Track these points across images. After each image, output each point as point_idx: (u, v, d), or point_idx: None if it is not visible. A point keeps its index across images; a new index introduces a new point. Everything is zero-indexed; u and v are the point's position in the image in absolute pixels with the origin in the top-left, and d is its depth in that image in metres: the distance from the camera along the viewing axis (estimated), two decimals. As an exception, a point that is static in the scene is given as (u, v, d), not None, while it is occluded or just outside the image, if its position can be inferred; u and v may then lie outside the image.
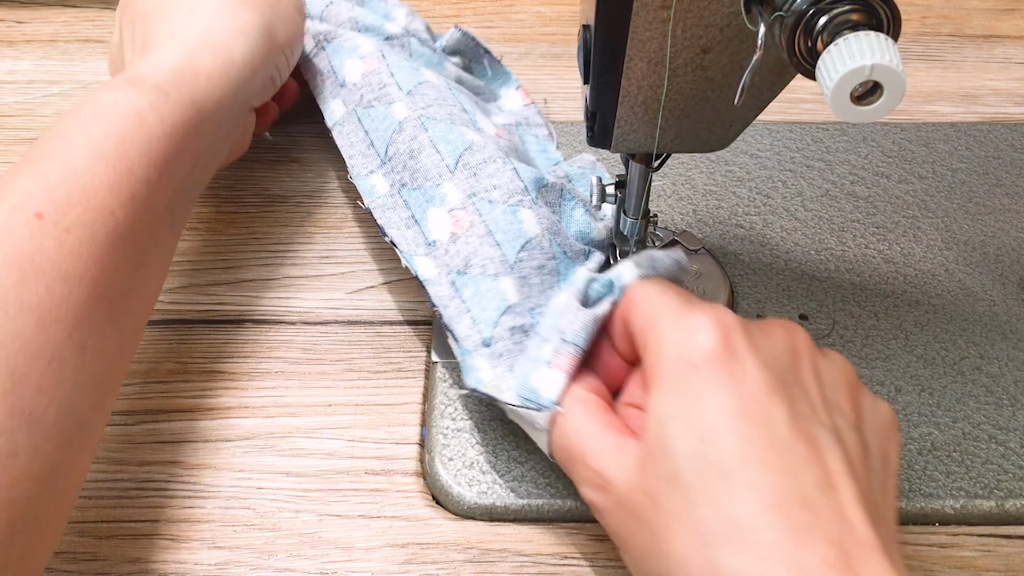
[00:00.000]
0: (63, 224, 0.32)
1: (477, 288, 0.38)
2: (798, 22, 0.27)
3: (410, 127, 0.43)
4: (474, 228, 0.39)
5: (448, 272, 0.39)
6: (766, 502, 0.27)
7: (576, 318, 0.36)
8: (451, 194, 0.41)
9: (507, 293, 0.38)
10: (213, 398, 0.41)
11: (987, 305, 0.45)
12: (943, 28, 0.64)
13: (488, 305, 0.38)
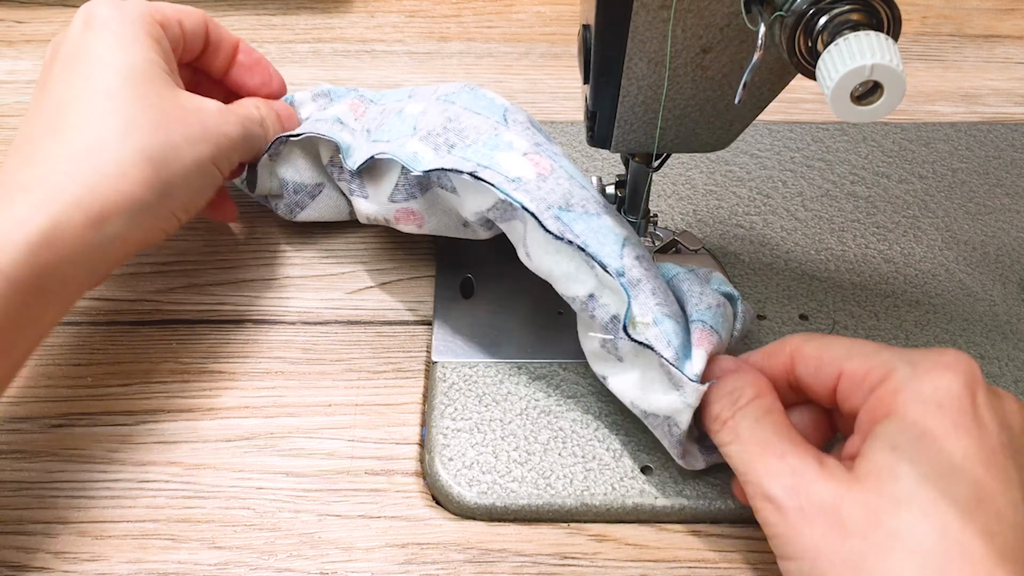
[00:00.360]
0: None
1: (588, 225, 0.37)
2: (798, 22, 0.27)
3: (434, 107, 0.41)
4: (556, 172, 0.38)
5: (548, 207, 0.37)
6: (999, 551, 0.27)
7: (711, 300, 0.37)
8: (516, 141, 0.39)
9: (616, 228, 0.37)
10: (213, 398, 0.41)
11: (987, 305, 0.45)
12: (943, 28, 0.64)
13: (606, 239, 0.37)
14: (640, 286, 0.36)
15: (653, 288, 0.36)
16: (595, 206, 0.38)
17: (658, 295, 0.36)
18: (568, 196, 0.37)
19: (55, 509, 0.37)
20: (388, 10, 0.66)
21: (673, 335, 0.35)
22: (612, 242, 0.37)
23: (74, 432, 0.39)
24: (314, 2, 0.67)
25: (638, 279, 0.36)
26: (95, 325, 0.44)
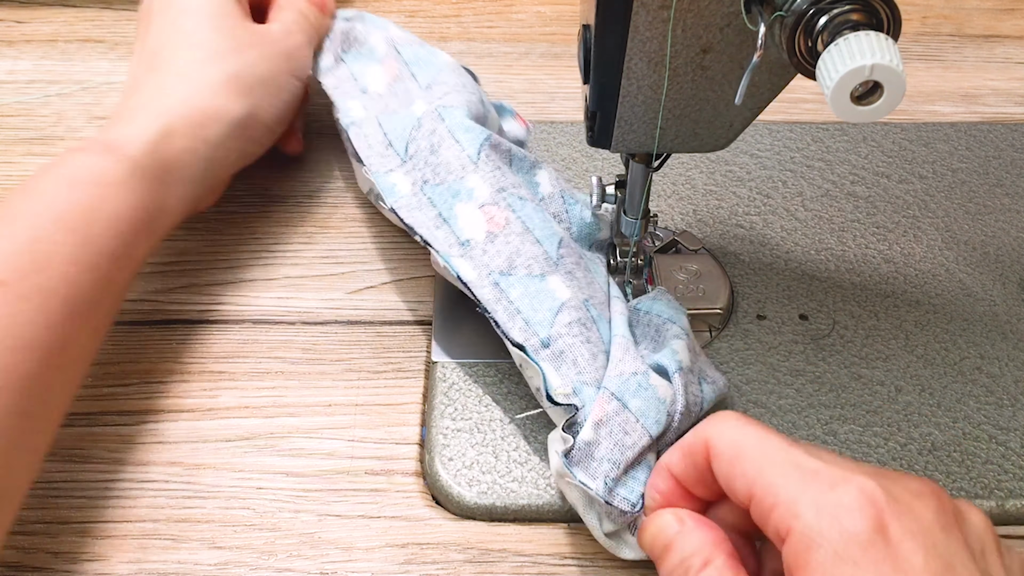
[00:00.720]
0: (21, 292, 0.33)
1: (526, 289, 0.37)
2: (798, 22, 0.27)
3: (428, 121, 0.43)
4: (511, 225, 0.39)
5: (489, 273, 0.38)
6: None
7: (629, 367, 0.35)
8: (479, 188, 0.40)
9: (558, 292, 0.38)
10: (213, 398, 0.41)
11: (987, 305, 0.45)
12: (943, 28, 0.64)
13: (540, 306, 0.37)
14: (564, 356, 0.36)
15: (576, 358, 0.36)
16: (542, 265, 0.38)
17: (580, 364, 0.36)
18: (513, 258, 0.38)
19: (55, 509, 0.37)
20: (388, 10, 0.66)
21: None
22: (547, 308, 0.37)
23: (74, 432, 0.39)
24: (314, 2, 0.67)
25: (562, 350, 0.36)
26: (95, 325, 0.44)
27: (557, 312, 0.37)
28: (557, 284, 0.38)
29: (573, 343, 0.36)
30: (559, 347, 0.36)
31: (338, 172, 0.52)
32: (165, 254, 0.47)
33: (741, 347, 0.42)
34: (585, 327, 0.37)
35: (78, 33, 0.63)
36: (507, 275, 0.38)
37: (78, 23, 0.64)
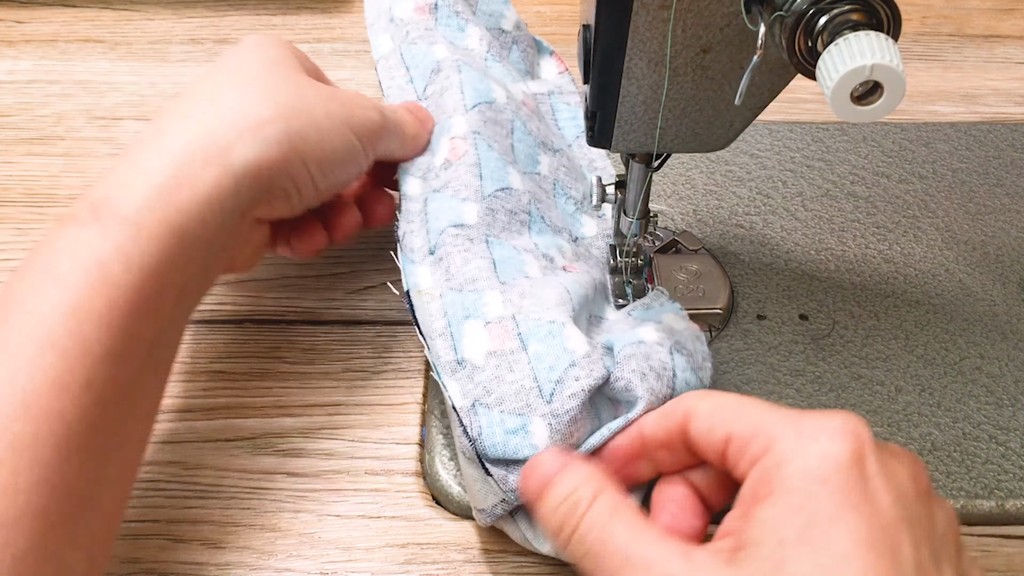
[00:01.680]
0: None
1: (439, 205, 0.40)
2: (798, 22, 0.27)
3: (447, 67, 0.44)
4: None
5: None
6: None
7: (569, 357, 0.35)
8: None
9: (466, 214, 0.39)
10: (213, 398, 0.41)
11: (987, 305, 0.45)
12: (943, 28, 0.64)
13: (441, 217, 0.39)
14: (440, 263, 0.39)
15: (449, 265, 0.38)
16: (467, 192, 0.40)
17: (451, 271, 0.38)
18: (449, 181, 0.40)
19: (55, 509, 0.37)
20: (388, 10, 0.66)
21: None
22: (446, 220, 0.39)
23: (74, 432, 0.39)
24: (314, 2, 0.67)
25: (440, 257, 0.39)
26: (95, 325, 0.44)
27: (447, 227, 0.39)
28: (469, 209, 0.39)
29: (451, 251, 0.38)
30: (439, 254, 0.38)
31: (338, 172, 0.52)
32: (165, 254, 0.47)
33: (741, 347, 0.42)
34: (471, 240, 0.39)
35: (78, 33, 0.63)
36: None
37: (78, 23, 0.64)
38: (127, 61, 0.61)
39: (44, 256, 0.30)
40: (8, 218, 0.50)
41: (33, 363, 0.28)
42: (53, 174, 0.52)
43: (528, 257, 0.40)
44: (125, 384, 0.30)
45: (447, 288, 0.38)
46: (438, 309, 0.38)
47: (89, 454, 0.29)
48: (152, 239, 0.31)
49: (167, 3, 0.66)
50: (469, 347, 0.36)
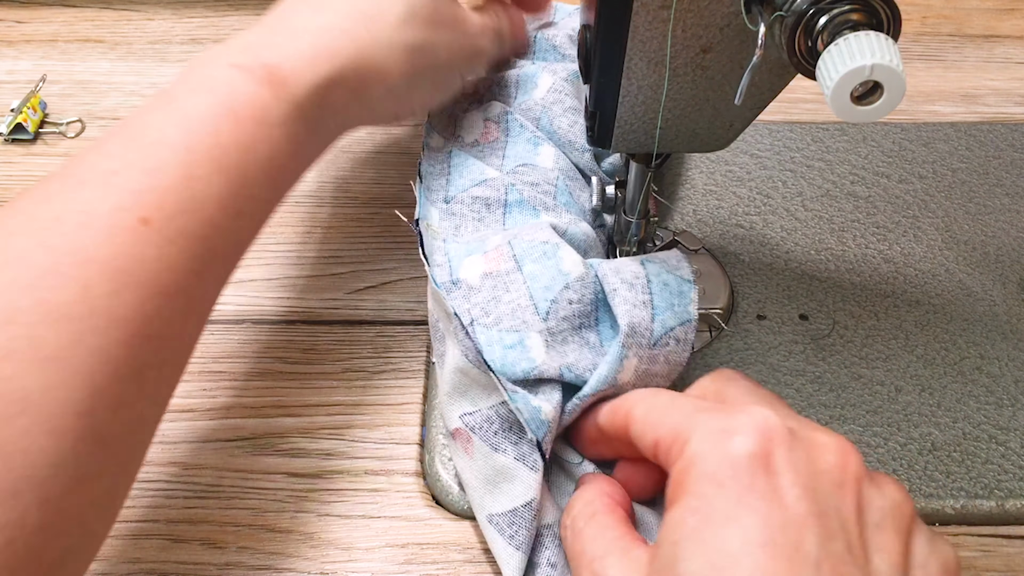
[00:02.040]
0: (168, 234, 0.29)
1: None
2: (798, 22, 0.27)
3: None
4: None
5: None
6: None
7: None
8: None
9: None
10: (213, 398, 0.41)
11: (987, 305, 0.45)
12: (943, 28, 0.64)
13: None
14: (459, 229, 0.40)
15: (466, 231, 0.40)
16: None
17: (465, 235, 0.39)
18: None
19: (55, 509, 0.37)
20: (388, 10, 0.66)
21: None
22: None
23: (74, 432, 0.39)
24: (314, 2, 0.67)
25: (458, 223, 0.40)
26: (95, 325, 0.44)
27: (469, 186, 0.41)
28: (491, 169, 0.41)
29: (466, 214, 0.40)
30: (453, 209, 0.40)
31: (338, 172, 0.52)
32: (165, 254, 0.47)
33: (741, 347, 0.42)
34: (488, 207, 0.40)
35: (78, 33, 0.63)
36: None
37: (78, 23, 0.64)
38: (127, 61, 0.61)
39: (222, 94, 0.33)
40: (8, 218, 0.50)
41: (207, 178, 0.31)
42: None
43: (544, 216, 0.40)
44: (250, 239, 0.34)
45: (452, 238, 0.40)
46: (440, 248, 0.40)
47: (221, 272, 0.33)
48: (312, 132, 0.36)
49: (167, 3, 0.66)
50: (466, 270, 0.38)
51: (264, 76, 0.33)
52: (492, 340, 0.35)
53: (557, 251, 0.36)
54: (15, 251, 0.27)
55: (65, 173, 0.30)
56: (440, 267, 0.38)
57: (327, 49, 0.36)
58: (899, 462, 0.38)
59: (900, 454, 0.39)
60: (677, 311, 0.36)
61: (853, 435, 0.39)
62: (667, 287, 0.36)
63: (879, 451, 0.39)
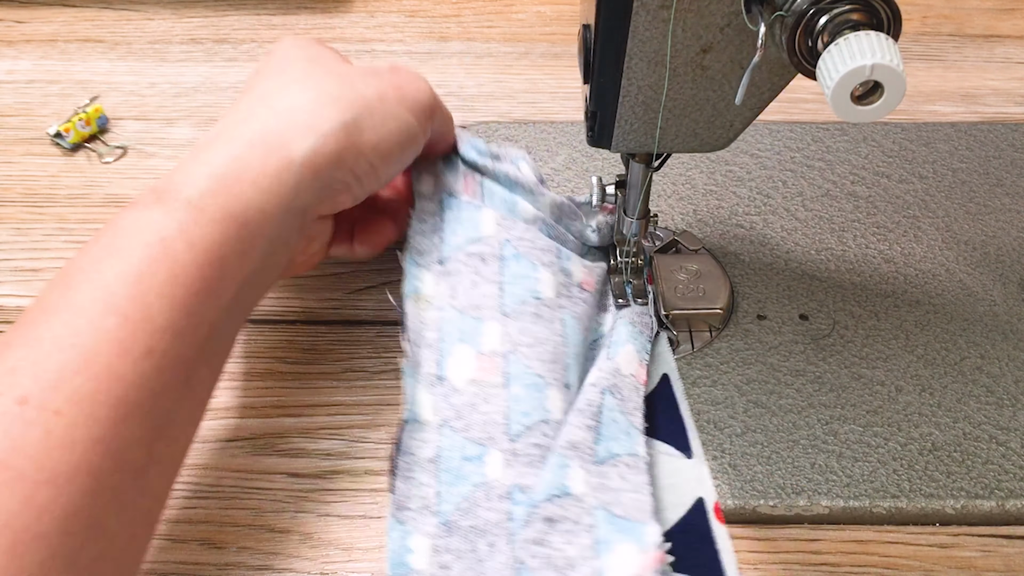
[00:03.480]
0: (51, 406, 0.26)
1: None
2: (798, 22, 0.27)
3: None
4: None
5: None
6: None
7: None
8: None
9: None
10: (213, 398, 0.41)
11: (988, 305, 0.45)
12: (943, 28, 0.64)
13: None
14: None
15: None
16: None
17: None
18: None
19: (55, 509, 0.37)
20: (388, 10, 0.66)
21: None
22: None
23: (74, 432, 0.39)
24: (314, 2, 0.67)
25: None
26: (95, 325, 0.44)
27: (463, 244, 0.40)
28: (486, 218, 0.40)
29: (462, 270, 0.39)
30: (449, 268, 0.39)
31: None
32: (165, 254, 0.47)
33: (741, 347, 0.42)
34: (484, 261, 0.40)
35: (78, 33, 0.63)
36: (453, 197, 0.40)
37: (78, 23, 0.64)
38: (127, 61, 0.61)
39: (108, 235, 0.31)
40: (8, 218, 0.50)
41: (95, 324, 0.28)
42: (53, 174, 0.52)
43: (544, 273, 0.40)
44: (183, 362, 0.30)
45: (449, 304, 0.39)
46: (434, 320, 0.38)
47: (143, 423, 0.29)
48: (214, 222, 0.32)
49: (167, 3, 0.66)
50: (453, 368, 0.37)
51: (150, 197, 0.32)
52: (455, 446, 0.35)
53: (546, 388, 0.36)
54: None
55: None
56: (430, 348, 0.37)
57: (221, 142, 0.34)
58: (899, 462, 0.38)
59: (900, 454, 0.39)
60: (623, 443, 0.36)
61: (853, 435, 0.39)
62: (615, 423, 0.36)
63: (879, 451, 0.39)
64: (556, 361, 0.37)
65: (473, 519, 0.34)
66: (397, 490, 0.35)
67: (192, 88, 0.58)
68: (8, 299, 0.45)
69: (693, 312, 0.43)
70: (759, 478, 0.37)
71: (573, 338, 0.39)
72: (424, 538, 0.34)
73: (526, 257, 0.40)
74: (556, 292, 0.40)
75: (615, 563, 0.32)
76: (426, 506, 0.34)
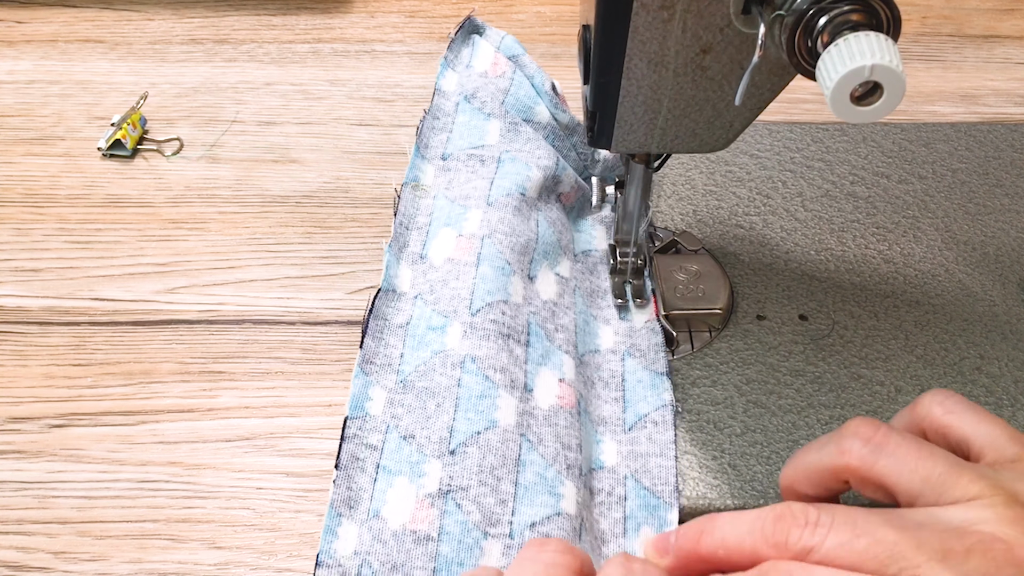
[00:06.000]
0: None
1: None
2: (798, 22, 0.27)
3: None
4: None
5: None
6: None
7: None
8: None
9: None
10: (213, 398, 0.41)
11: (987, 305, 0.45)
12: (943, 28, 0.64)
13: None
14: None
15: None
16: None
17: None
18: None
19: (55, 509, 0.37)
20: (388, 10, 0.66)
21: None
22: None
23: (74, 432, 0.39)
24: (314, 2, 0.67)
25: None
26: (95, 325, 0.44)
27: (467, 147, 0.47)
28: (492, 127, 0.46)
29: (461, 168, 0.46)
30: (449, 165, 0.47)
31: (338, 172, 0.52)
32: (165, 254, 0.47)
33: (741, 347, 0.42)
34: (482, 162, 0.45)
35: (78, 33, 0.63)
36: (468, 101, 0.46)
37: (78, 23, 0.64)
38: (127, 61, 0.61)
39: None
40: (8, 218, 0.50)
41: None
42: (53, 174, 0.52)
43: (536, 173, 0.45)
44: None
45: (443, 194, 0.45)
46: (427, 207, 0.45)
47: None
48: None
49: (167, 3, 0.66)
50: (435, 249, 0.43)
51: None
52: (424, 316, 0.40)
53: (512, 275, 0.40)
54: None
55: None
56: (419, 231, 0.44)
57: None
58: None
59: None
60: (650, 400, 0.38)
61: (853, 435, 0.39)
62: (641, 383, 0.39)
63: (879, 451, 0.39)
64: (525, 254, 0.42)
65: (427, 381, 0.37)
66: (366, 347, 0.39)
67: (192, 88, 0.58)
68: (8, 299, 0.45)
69: (693, 312, 0.43)
70: (759, 478, 0.37)
71: (544, 237, 0.43)
72: (382, 391, 0.38)
73: (522, 162, 0.45)
74: (539, 194, 0.45)
75: (638, 545, 0.34)
76: (389, 364, 0.39)
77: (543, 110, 0.49)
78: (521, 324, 0.39)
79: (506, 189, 0.43)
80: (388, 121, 0.56)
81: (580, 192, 0.47)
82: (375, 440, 0.36)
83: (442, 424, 0.35)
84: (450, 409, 0.36)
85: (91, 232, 0.49)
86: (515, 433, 0.35)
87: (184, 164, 0.53)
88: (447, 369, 0.37)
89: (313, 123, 0.56)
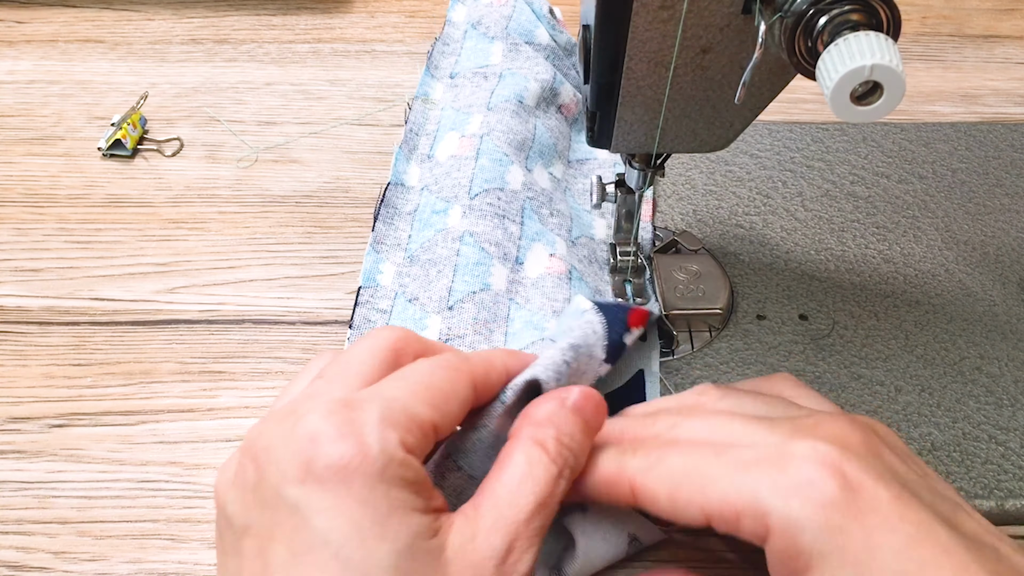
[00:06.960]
0: None
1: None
2: (798, 22, 0.27)
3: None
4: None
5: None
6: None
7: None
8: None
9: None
10: (213, 398, 0.41)
11: (987, 305, 0.45)
12: (943, 28, 0.64)
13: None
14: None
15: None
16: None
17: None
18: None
19: (55, 509, 0.37)
20: (388, 10, 0.66)
21: None
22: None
23: (74, 432, 0.39)
24: (314, 2, 0.67)
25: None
26: (95, 325, 0.44)
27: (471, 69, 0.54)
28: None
29: (467, 84, 0.53)
30: (457, 82, 0.54)
31: (338, 172, 0.52)
32: (165, 254, 0.47)
33: (741, 347, 0.42)
34: (486, 78, 0.52)
35: (78, 33, 0.63)
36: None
37: (78, 23, 0.64)
38: (127, 61, 0.61)
39: None
40: (8, 218, 0.50)
41: None
42: (53, 174, 0.52)
43: (533, 85, 0.50)
44: None
45: (450, 105, 0.51)
46: (435, 116, 0.52)
47: None
48: None
49: (167, 3, 0.66)
50: (441, 149, 0.48)
51: None
52: (428, 203, 0.45)
53: (511, 165, 0.45)
54: None
55: None
56: (427, 137, 0.50)
57: None
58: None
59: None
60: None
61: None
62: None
63: (879, 451, 0.39)
64: (522, 149, 0.47)
65: (431, 254, 0.43)
66: (377, 230, 0.45)
67: (192, 88, 0.58)
68: (8, 299, 0.45)
69: (693, 312, 0.43)
70: (759, 478, 0.37)
71: (541, 139, 0.48)
72: (392, 265, 0.44)
73: (521, 75, 0.51)
74: (537, 103, 0.50)
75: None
76: (398, 244, 0.45)
77: (543, 32, 0.55)
78: (516, 208, 0.44)
79: (505, 96, 0.49)
80: (388, 121, 0.56)
81: (580, 104, 0.53)
82: (384, 305, 0.42)
83: (442, 286, 0.41)
84: (449, 274, 0.41)
85: (91, 232, 0.49)
86: (504, 297, 0.40)
87: (184, 164, 0.53)
88: (448, 243, 0.42)
89: (313, 123, 0.56)
